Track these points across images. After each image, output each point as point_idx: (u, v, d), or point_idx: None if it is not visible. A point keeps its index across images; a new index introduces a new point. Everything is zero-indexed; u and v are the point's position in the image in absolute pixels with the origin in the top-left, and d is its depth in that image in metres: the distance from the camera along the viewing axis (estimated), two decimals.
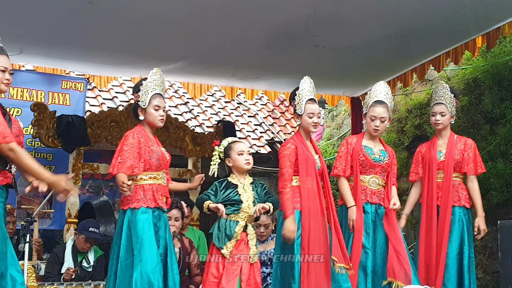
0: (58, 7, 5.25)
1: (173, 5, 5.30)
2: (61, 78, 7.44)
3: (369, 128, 5.08)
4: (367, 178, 5.02)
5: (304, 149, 4.75)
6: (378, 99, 5.09)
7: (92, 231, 5.69)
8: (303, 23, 5.72)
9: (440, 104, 5.20)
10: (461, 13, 5.62)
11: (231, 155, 4.56)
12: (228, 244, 4.37)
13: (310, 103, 4.82)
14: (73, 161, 6.54)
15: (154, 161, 4.35)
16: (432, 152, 5.22)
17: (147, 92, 4.41)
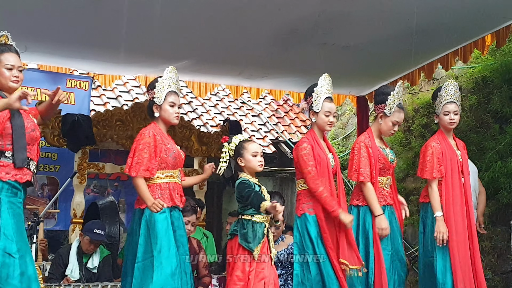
0: (63, 5, 5.20)
1: (179, 3, 5.25)
2: (66, 77, 7.39)
3: (387, 130, 5.02)
4: (384, 180, 4.95)
5: (318, 149, 4.70)
6: (401, 103, 5.06)
7: (97, 233, 5.60)
8: (312, 21, 5.66)
9: (453, 103, 5.12)
10: (470, 11, 5.58)
11: (244, 155, 4.48)
12: (258, 246, 4.32)
13: (328, 102, 4.79)
14: (79, 160, 6.47)
15: (170, 159, 4.31)
16: (454, 152, 5.11)
17: (162, 88, 4.38)
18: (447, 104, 5.11)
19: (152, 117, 4.44)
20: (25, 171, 3.79)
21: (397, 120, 4.99)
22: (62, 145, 6.40)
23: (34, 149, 3.90)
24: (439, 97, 5.19)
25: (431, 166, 5.00)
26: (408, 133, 8.78)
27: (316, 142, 4.73)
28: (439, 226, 4.82)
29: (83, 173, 6.46)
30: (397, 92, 5.04)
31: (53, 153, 7.13)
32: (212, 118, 10.32)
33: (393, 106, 4.97)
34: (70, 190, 6.56)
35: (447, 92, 5.14)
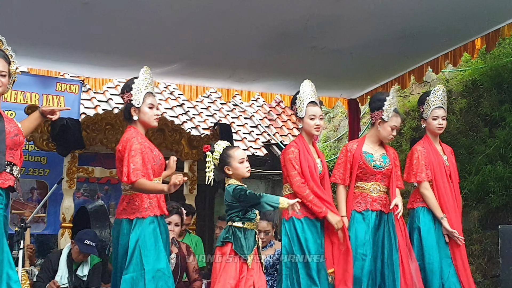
0: (53, 9, 5.16)
1: (169, 6, 5.22)
2: (56, 80, 7.34)
3: (385, 135, 5.03)
4: (368, 185, 4.95)
5: (306, 153, 4.70)
6: (396, 108, 5.10)
7: (87, 244, 5.45)
8: (301, 24, 5.65)
9: (441, 108, 5.15)
10: (460, 15, 5.59)
11: (231, 163, 4.41)
12: (251, 254, 4.31)
13: (311, 106, 4.79)
14: (68, 164, 6.44)
15: (157, 167, 4.23)
16: (440, 156, 5.12)
17: (140, 90, 4.25)
18: (435, 109, 5.14)
19: (130, 121, 4.31)
20: (7, 176, 3.73)
21: (395, 125, 5.02)
22: (51, 149, 6.37)
23: (18, 154, 3.84)
24: (427, 101, 5.20)
25: (417, 169, 5.04)
26: (398, 136, 8.77)
27: (304, 147, 4.75)
28: (447, 226, 4.89)
29: (73, 177, 6.42)
30: (392, 98, 5.07)
31: (43, 157, 7.08)
32: (204, 120, 10.30)
33: (390, 111, 5.00)
34: (59, 194, 6.53)
35: (436, 97, 5.16)
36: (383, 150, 5.09)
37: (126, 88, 4.32)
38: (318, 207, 4.60)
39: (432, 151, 5.12)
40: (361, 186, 4.95)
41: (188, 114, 10.35)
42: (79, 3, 5.05)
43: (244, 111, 11.24)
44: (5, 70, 3.88)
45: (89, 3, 5.05)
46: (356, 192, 4.95)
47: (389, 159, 5.04)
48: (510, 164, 6.78)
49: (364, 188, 4.94)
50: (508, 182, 6.72)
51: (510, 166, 6.77)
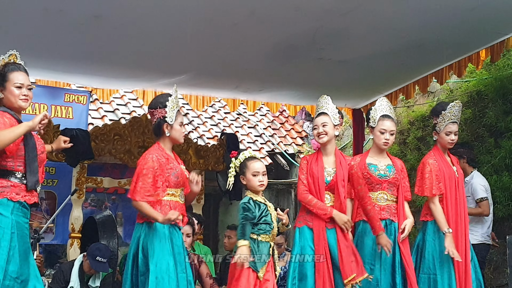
0: (64, 21, 5.20)
1: (177, 18, 5.27)
2: (64, 91, 7.41)
3: (378, 142, 5.05)
4: (375, 195, 4.99)
5: (314, 165, 4.80)
6: (385, 113, 5.08)
7: (99, 261, 5.48)
8: (309, 36, 5.70)
9: (455, 123, 5.18)
10: (465, 27, 5.63)
11: (246, 173, 4.47)
12: (264, 266, 4.33)
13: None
14: (77, 175, 6.50)
15: (172, 178, 4.24)
16: (449, 168, 5.18)
17: (173, 108, 4.32)
18: (450, 124, 5.16)
19: (159, 136, 4.36)
20: (33, 193, 3.83)
21: (384, 128, 5.00)
22: (60, 159, 6.42)
23: (41, 171, 3.94)
24: (442, 115, 5.20)
25: (430, 183, 5.06)
26: (403, 145, 8.84)
27: (316, 158, 4.86)
28: (449, 242, 4.90)
29: (82, 187, 6.48)
30: (380, 105, 5.11)
31: (51, 167, 7.12)
32: (209, 130, 10.35)
33: (376, 116, 5.05)
34: (68, 205, 6.56)
35: (452, 113, 5.17)
36: (388, 160, 5.12)
37: (159, 104, 4.35)
38: (322, 209, 4.70)
39: (443, 164, 5.15)
40: (369, 196, 4.99)
41: (192, 123, 10.40)
42: (90, 16, 5.11)
43: (248, 120, 11.28)
44: (30, 83, 3.98)
45: (100, 16, 5.12)
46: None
47: (395, 169, 5.06)
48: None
49: (371, 198, 4.99)
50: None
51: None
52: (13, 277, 3.63)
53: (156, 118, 4.35)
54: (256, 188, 4.47)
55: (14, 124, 3.79)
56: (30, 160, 3.78)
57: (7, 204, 3.71)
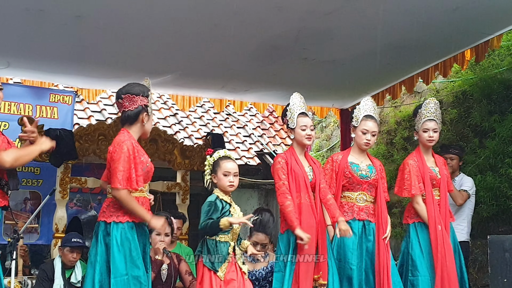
0: (46, 21, 5.21)
1: (161, 18, 5.28)
2: (49, 91, 7.37)
3: (359, 141, 5.05)
4: (355, 195, 4.99)
5: (294, 164, 4.75)
6: (368, 113, 5.08)
7: (76, 241, 5.62)
8: (292, 36, 5.72)
9: (432, 120, 5.18)
10: (450, 27, 5.65)
11: (217, 172, 4.50)
12: (223, 266, 4.34)
13: (302, 117, 4.84)
14: (61, 175, 6.46)
15: (143, 173, 4.12)
16: (428, 168, 5.18)
17: (151, 99, 4.32)
18: (426, 121, 5.18)
19: (130, 124, 4.20)
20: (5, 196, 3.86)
21: (366, 129, 5.00)
22: (44, 159, 6.39)
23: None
24: (419, 114, 5.26)
25: (409, 184, 5.10)
26: (390, 146, 8.86)
27: (294, 158, 4.80)
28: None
29: (65, 187, 6.44)
30: (363, 105, 5.10)
31: (36, 167, 7.11)
32: (197, 130, 10.34)
33: (359, 116, 5.05)
34: (52, 205, 6.56)
35: (427, 110, 5.21)
36: (368, 161, 5.13)
37: (141, 92, 4.24)
38: (291, 221, 4.58)
39: (423, 164, 5.16)
40: (348, 196, 4.99)
41: (181, 124, 10.39)
42: (72, 16, 5.11)
43: (237, 120, 11.29)
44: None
45: (82, 16, 5.12)
46: (343, 201, 4.99)
47: (375, 169, 5.07)
48: (500, 175, 6.84)
49: (351, 197, 4.99)
50: (498, 192, 6.78)
51: (500, 176, 6.83)
52: None
53: (137, 105, 4.19)
54: (225, 188, 4.49)
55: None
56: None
57: None
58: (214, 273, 4.32)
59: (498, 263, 5.31)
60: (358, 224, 4.94)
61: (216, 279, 4.31)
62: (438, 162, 5.30)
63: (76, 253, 5.64)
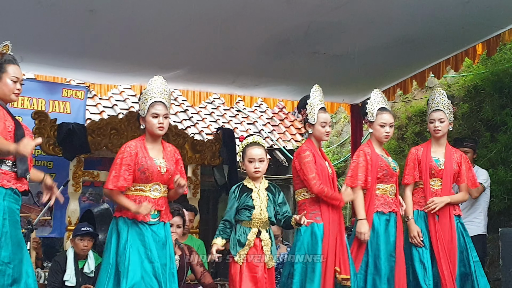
0: (59, 16, 5.26)
1: (172, 14, 5.31)
2: (62, 87, 7.45)
3: (379, 135, 5.02)
4: (388, 188, 4.98)
5: (318, 158, 4.75)
6: (382, 105, 5.09)
7: (85, 229, 5.70)
8: (302, 30, 5.73)
9: (438, 110, 5.16)
10: (461, 21, 5.64)
11: (244, 159, 4.56)
12: (241, 251, 4.36)
13: (322, 112, 4.82)
14: (74, 168, 6.53)
15: (139, 174, 4.24)
16: (429, 158, 5.18)
17: (146, 100, 4.34)
18: (432, 112, 5.18)
19: (143, 130, 4.42)
20: (24, 181, 3.87)
21: (384, 122, 5.00)
22: (57, 153, 6.46)
23: (28, 160, 3.97)
24: (427, 105, 5.28)
25: (404, 172, 5.14)
26: (401, 141, 8.84)
27: (316, 151, 4.79)
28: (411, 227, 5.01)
29: (78, 181, 6.51)
30: (374, 98, 5.10)
31: (49, 161, 7.17)
32: (208, 126, 10.37)
33: (373, 110, 5.03)
34: (65, 198, 6.60)
35: (433, 100, 5.21)
36: (386, 155, 5.15)
37: (139, 98, 4.48)
38: (337, 199, 4.62)
39: (426, 154, 5.16)
40: (383, 189, 4.96)
41: (191, 120, 10.43)
42: (84, 10, 5.14)
43: (247, 116, 11.31)
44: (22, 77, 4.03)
45: (95, 10, 5.15)
46: (378, 194, 4.93)
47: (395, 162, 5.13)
48: (511, 168, 6.83)
49: (385, 190, 4.96)
50: (509, 186, 6.78)
51: (511, 170, 6.82)
52: (5, 262, 3.66)
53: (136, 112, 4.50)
54: (251, 175, 4.52)
55: (5, 116, 3.83)
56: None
57: None
58: (233, 257, 4.37)
59: (510, 255, 5.31)
60: (394, 216, 4.95)
61: (235, 264, 4.36)
62: (448, 153, 5.24)
63: (87, 241, 5.69)
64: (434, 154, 5.17)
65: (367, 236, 4.77)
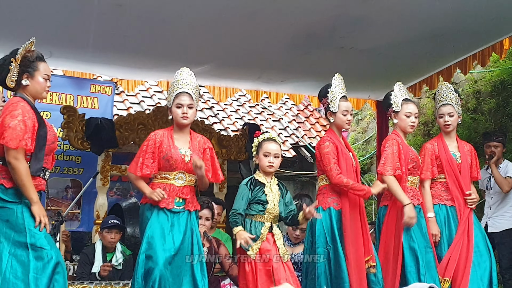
0: (86, 10, 5.29)
1: (199, 8, 5.33)
2: (90, 82, 7.55)
3: (404, 125, 5.04)
4: (416, 180, 5.01)
5: (341, 146, 4.77)
6: (406, 96, 5.11)
7: (112, 222, 5.79)
8: (329, 24, 5.72)
9: (447, 105, 5.16)
10: (488, 15, 5.60)
11: (259, 153, 4.57)
12: (254, 246, 4.35)
13: (344, 101, 4.86)
14: (102, 163, 6.60)
15: (163, 161, 4.38)
16: (448, 153, 5.15)
17: (172, 91, 4.50)
18: (441, 107, 5.19)
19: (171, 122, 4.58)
20: (40, 181, 3.91)
21: (410, 112, 5.02)
22: (85, 148, 6.53)
23: (50, 159, 4.03)
24: (435, 100, 5.28)
25: (423, 167, 5.12)
26: (427, 137, 8.80)
27: (338, 141, 4.82)
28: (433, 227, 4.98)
29: (106, 175, 6.58)
30: (398, 90, 5.12)
31: (77, 156, 7.27)
32: (233, 123, 10.43)
33: (398, 101, 5.04)
34: (93, 192, 6.71)
35: (440, 95, 5.22)
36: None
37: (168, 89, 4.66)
38: (361, 189, 4.65)
39: (444, 148, 5.14)
40: (412, 181, 4.99)
41: (217, 117, 10.49)
42: (112, 5, 5.19)
43: (273, 114, 11.34)
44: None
45: (122, 5, 5.19)
46: (408, 186, 4.95)
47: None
48: None
49: (414, 182, 4.99)
50: None
51: None
52: (39, 247, 3.75)
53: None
54: (265, 169, 4.54)
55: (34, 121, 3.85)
56: (37, 148, 3.83)
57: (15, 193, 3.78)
58: (245, 251, 4.35)
59: None
60: (421, 209, 4.96)
61: (247, 258, 4.36)
62: (461, 147, 5.24)
63: (114, 233, 5.77)
64: (451, 149, 5.18)
65: (414, 221, 4.73)
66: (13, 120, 3.73)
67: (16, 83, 3.91)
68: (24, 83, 3.91)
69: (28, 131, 3.76)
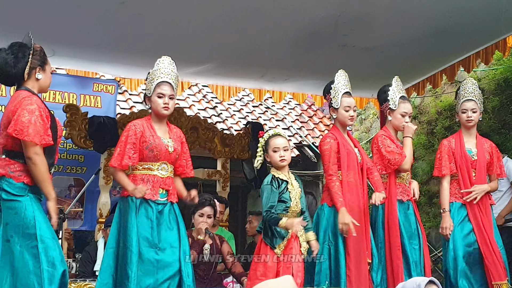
0: (90, 8, 5.30)
1: (202, 6, 5.33)
2: (93, 81, 7.54)
3: (398, 124, 5.09)
4: (405, 176, 5.03)
5: (344, 143, 4.77)
6: (403, 94, 5.12)
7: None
8: (331, 22, 5.72)
9: (471, 100, 5.16)
10: (491, 12, 5.59)
11: (268, 150, 4.56)
12: (281, 244, 4.37)
13: (346, 97, 4.86)
14: (105, 161, 6.59)
15: (147, 152, 4.29)
16: (463, 150, 5.14)
17: (152, 80, 4.40)
18: (465, 102, 5.17)
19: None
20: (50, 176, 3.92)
21: (405, 111, 5.05)
22: (88, 146, 6.53)
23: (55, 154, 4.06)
24: (458, 95, 5.25)
25: (440, 164, 5.09)
26: (431, 135, 8.79)
27: (341, 137, 4.83)
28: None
29: (109, 173, 6.57)
30: (396, 86, 5.12)
31: (80, 155, 7.28)
32: (237, 122, 10.42)
33: (395, 98, 5.05)
34: (96, 191, 6.72)
35: (465, 90, 5.20)
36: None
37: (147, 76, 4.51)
38: (336, 201, 4.61)
39: (460, 145, 5.14)
40: (401, 177, 5.01)
41: (220, 116, 10.48)
42: (116, 2, 5.19)
43: (276, 113, 11.33)
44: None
45: (125, 2, 5.20)
46: (398, 182, 4.99)
47: None
48: None
49: (403, 178, 5.01)
50: None
51: None
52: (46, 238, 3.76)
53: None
54: (277, 164, 4.52)
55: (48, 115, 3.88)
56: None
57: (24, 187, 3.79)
58: (271, 249, 4.36)
59: None
60: (410, 205, 4.97)
61: (273, 255, 4.35)
62: (479, 144, 5.22)
63: None
64: (466, 145, 5.17)
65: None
66: (32, 115, 3.72)
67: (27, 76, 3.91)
68: (38, 77, 3.93)
69: (46, 126, 3.78)
